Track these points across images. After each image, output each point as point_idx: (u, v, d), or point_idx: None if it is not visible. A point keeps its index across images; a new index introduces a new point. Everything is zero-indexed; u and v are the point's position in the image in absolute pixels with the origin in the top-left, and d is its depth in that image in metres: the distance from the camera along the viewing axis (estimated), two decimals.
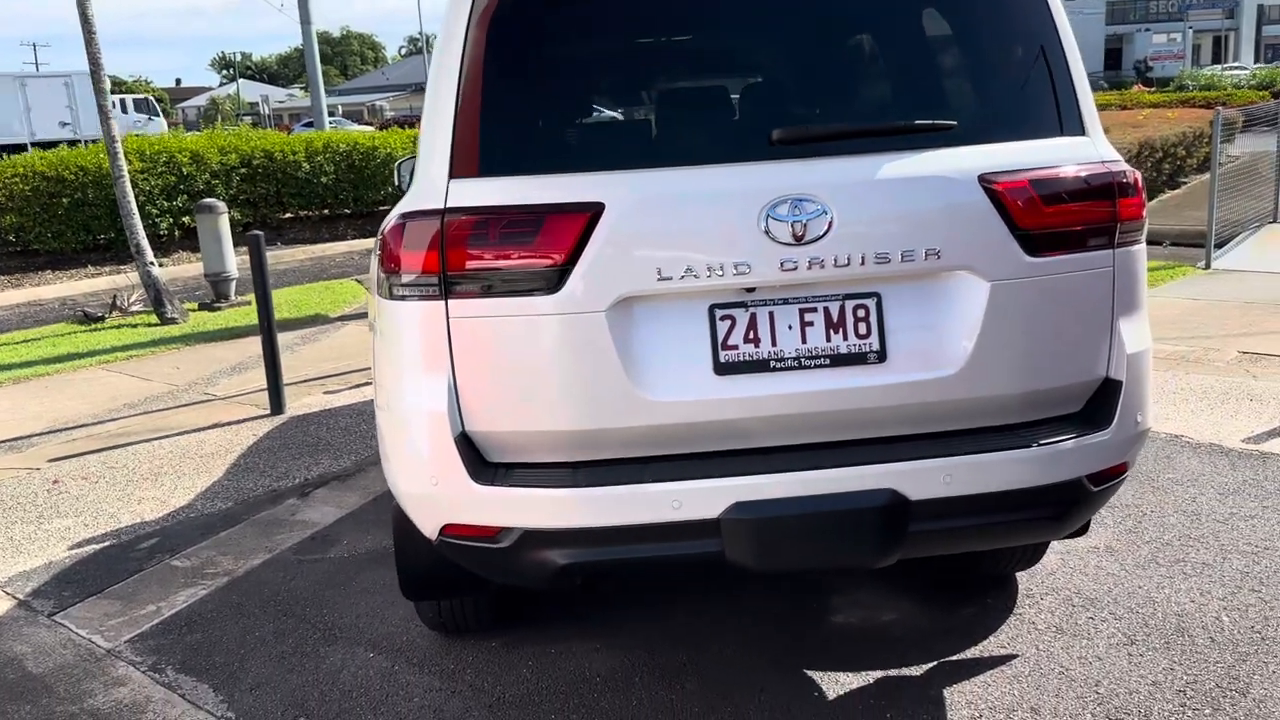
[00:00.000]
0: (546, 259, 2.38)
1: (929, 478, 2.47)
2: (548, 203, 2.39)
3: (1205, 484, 4.40)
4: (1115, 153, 2.64)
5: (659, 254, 2.40)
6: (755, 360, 2.47)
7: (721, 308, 2.47)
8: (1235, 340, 6.89)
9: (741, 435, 2.50)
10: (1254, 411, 5.32)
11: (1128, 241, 2.59)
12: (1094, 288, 2.56)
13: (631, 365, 2.42)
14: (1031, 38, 2.62)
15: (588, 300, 2.38)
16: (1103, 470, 2.60)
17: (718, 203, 2.43)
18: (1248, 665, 3.01)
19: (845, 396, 2.48)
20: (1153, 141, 13.45)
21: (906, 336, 2.51)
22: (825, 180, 2.44)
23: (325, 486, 4.96)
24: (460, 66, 2.47)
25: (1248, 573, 3.57)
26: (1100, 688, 2.95)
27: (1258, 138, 13.44)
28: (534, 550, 2.48)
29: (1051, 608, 3.42)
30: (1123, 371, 2.59)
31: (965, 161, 2.49)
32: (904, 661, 3.15)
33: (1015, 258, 2.48)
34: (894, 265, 2.45)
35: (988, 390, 2.52)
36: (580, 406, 2.42)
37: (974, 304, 2.49)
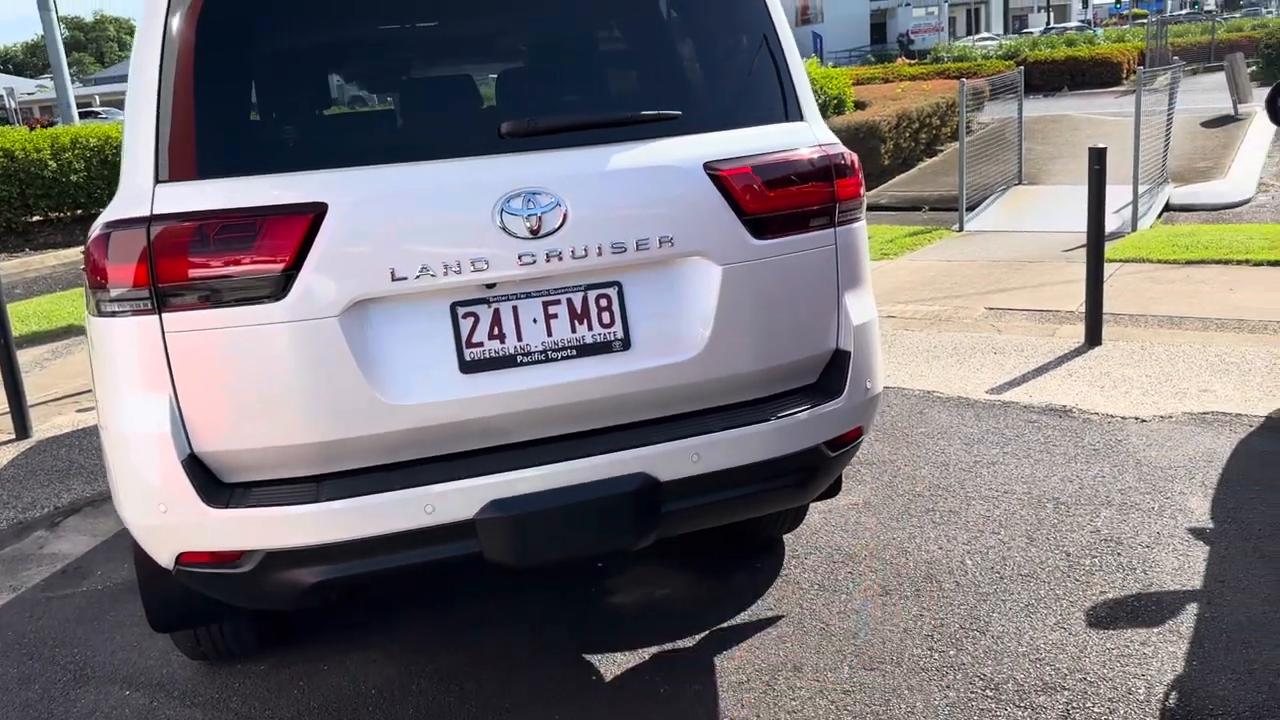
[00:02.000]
0: (268, 265, 2.27)
1: (678, 458, 2.53)
2: (265, 205, 2.28)
3: (953, 435, 4.73)
4: (832, 136, 2.77)
5: (392, 254, 2.33)
6: (501, 356, 2.45)
7: (463, 305, 2.43)
8: (983, 297, 7.44)
9: (493, 433, 2.48)
10: (997, 364, 5.76)
11: (848, 220, 2.73)
12: (819, 265, 2.68)
13: (371, 370, 2.35)
14: (749, 30, 2.71)
15: (318, 306, 2.30)
16: (838, 436, 2.74)
17: (450, 198, 2.39)
18: (988, 605, 3.26)
19: (594, 386, 2.50)
20: (909, 113, 14.28)
21: (649, 323, 2.55)
22: (557, 173, 2.44)
23: (77, 514, 4.62)
24: (160, 63, 2.31)
25: (989, 516, 3.87)
26: (857, 639, 3.12)
27: (1005, 105, 14.52)
28: (280, 571, 2.38)
29: (815, 566, 3.59)
30: (851, 342, 2.74)
31: (691, 150, 2.55)
32: (679, 634, 3.24)
33: (743, 241, 2.56)
34: (631, 254, 2.49)
35: (728, 369, 2.60)
36: (318, 417, 2.33)
37: (709, 288, 2.56)
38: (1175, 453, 4.32)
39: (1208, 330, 6.12)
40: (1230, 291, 6.93)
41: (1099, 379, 5.36)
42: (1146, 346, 5.85)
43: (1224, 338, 5.93)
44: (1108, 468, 4.23)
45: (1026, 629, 3.10)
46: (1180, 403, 4.90)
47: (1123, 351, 5.79)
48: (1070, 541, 3.62)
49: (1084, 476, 4.16)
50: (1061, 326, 6.47)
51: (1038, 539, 3.66)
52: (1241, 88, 16.71)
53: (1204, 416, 4.70)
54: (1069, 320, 6.59)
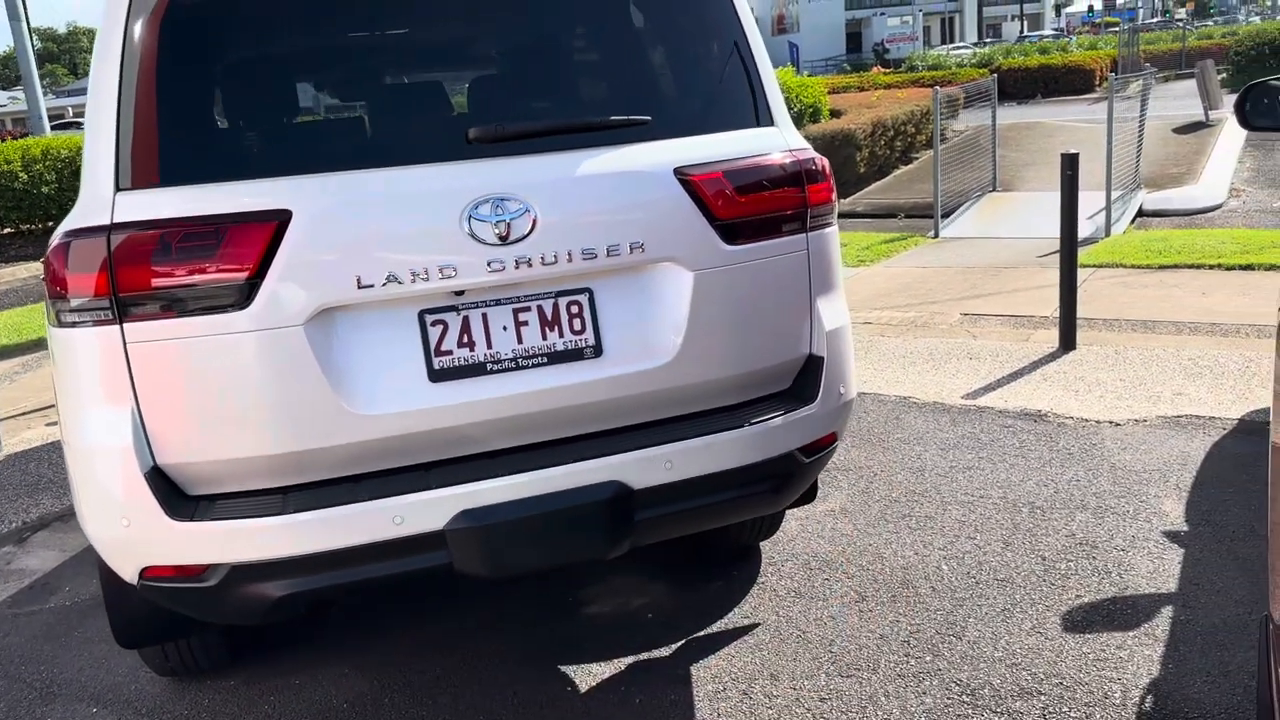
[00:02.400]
0: (231, 273, 2.24)
1: (651, 466, 2.51)
2: (228, 212, 2.25)
3: (929, 441, 4.73)
4: (803, 141, 2.76)
5: (358, 261, 2.30)
6: (471, 364, 2.42)
7: (431, 313, 2.41)
8: (958, 303, 7.46)
9: (463, 442, 2.45)
10: (972, 369, 5.77)
11: (819, 225, 2.72)
12: (791, 271, 2.67)
13: (338, 379, 2.32)
14: (719, 35, 2.70)
15: (283, 314, 2.26)
16: (813, 442, 2.72)
17: (417, 205, 2.36)
18: (964, 610, 3.25)
19: (565, 393, 2.48)
20: (885, 121, 14.34)
21: (621, 329, 2.53)
22: (526, 179, 2.42)
23: (46, 529, 4.55)
24: (121, 69, 2.28)
25: (964, 521, 3.86)
26: (834, 646, 3.11)
27: (978, 113, 14.62)
28: (246, 585, 2.34)
29: (791, 573, 3.58)
30: (824, 348, 2.72)
31: (661, 155, 2.54)
32: (654, 644, 3.21)
33: (715, 247, 2.55)
34: (601, 260, 2.47)
35: (701, 375, 2.58)
36: (284, 428, 2.30)
37: (681, 294, 2.54)
38: (1149, 456, 4.34)
39: (1181, 334, 6.16)
40: (1203, 295, 6.99)
41: (1073, 383, 5.38)
42: (1120, 351, 5.87)
43: (1197, 341, 5.97)
44: (1083, 471, 4.24)
45: (1003, 634, 3.09)
46: (1154, 406, 4.93)
47: (1097, 356, 5.81)
48: (1046, 546, 3.62)
49: (1059, 480, 4.17)
50: (1036, 331, 6.49)
51: (1013, 543, 3.66)
52: (1212, 94, 16.89)
53: (1178, 420, 4.73)
54: (1044, 325, 6.61)
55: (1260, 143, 14.60)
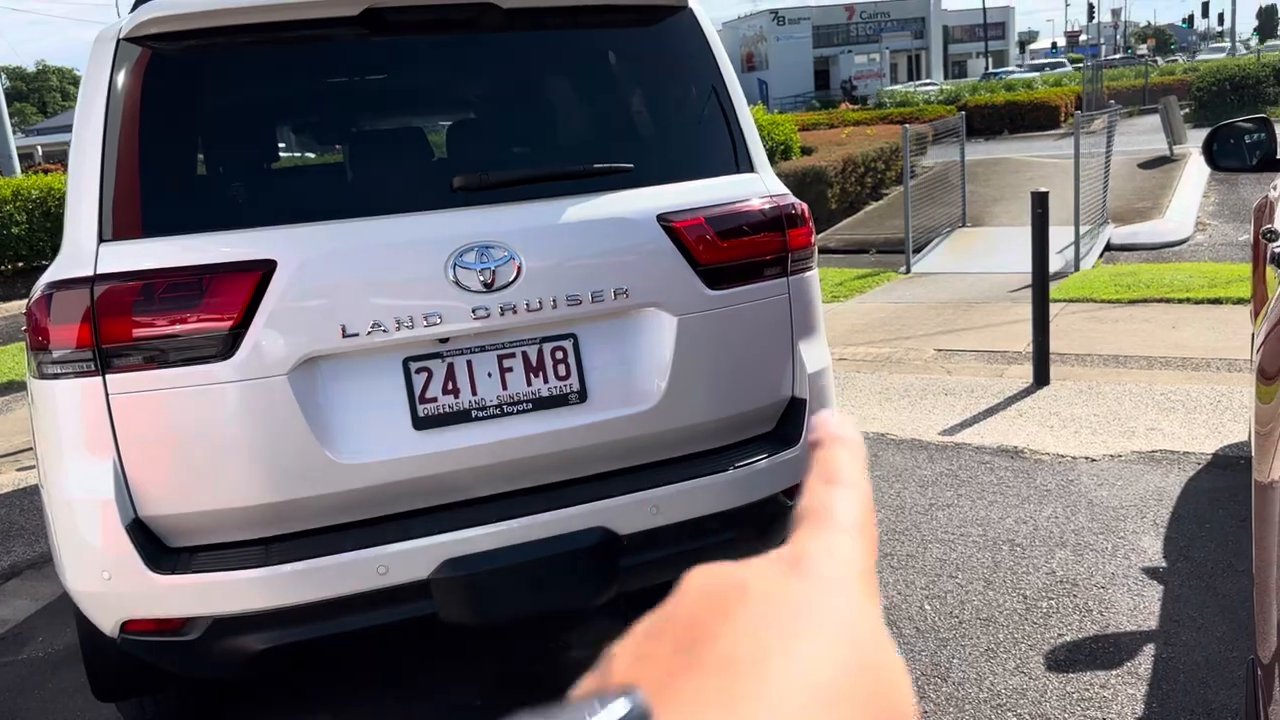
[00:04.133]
0: (215, 323, 2.23)
1: (637, 511, 2.51)
2: (212, 263, 2.24)
3: (908, 478, 4.75)
4: (782, 186, 2.80)
5: (342, 310, 2.30)
6: (456, 411, 2.42)
7: (416, 360, 2.41)
8: (932, 339, 7.53)
9: (447, 489, 2.44)
10: (948, 405, 5.82)
11: (800, 269, 2.75)
12: (773, 314, 2.69)
13: (322, 429, 2.31)
14: (699, 82, 2.74)
15: (267, 364, 2.26)
16: (796, 484, 2.73)
17: (402, 254, 2.37)
18: (948, 650, 3.25)
19: (550, 439, 2.48)
20: (855, 158, 14.52)
21: (605, 374, 2.54)
22: (511, 226, 2.43)
23: (18, 577, 4.47)
24: (105, 119, 2.28)
25: (945, 560, 3.88)
26: None
27: (947, 149, 14.84)
28: (228, 638, 2.31)
29: None
30: (806, 389, 2.74)
31: (644, 202, 2.56)
32: None
33: (698, 291, 2.57)
34: (586, 306, 2.48)
35: (685, 420, 2.59)
36: (267, 479, 2.28)
37: (664, 338, 2.56)
38: (1126, 492, 4.38)
39: (1153, 368, 6.24)
40: (1173, 329, 7.09)
41: (1048, 419, 5.43)
42: (1094, 386, 5.94)
43: (1169, 375, 6.05)
44: (1061, 508, 4.27)
45: (987, 674, 3.10)
46: (1129, 441, 4.98)
47: (1070, 391, 5.88)
48: (1027, 584, 3.64)
49: (1038, 517, 4.19)
50: (1010, 367, 6.56)
51: (995, 582, 3.67)
52: (1176, 130, 17.24)
53: (1153, 455, 4.78)
54: (1017, 360, 6.68)
55: (1224, 178, 14.90)
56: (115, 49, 2.32)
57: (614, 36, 2.77)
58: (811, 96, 51.24)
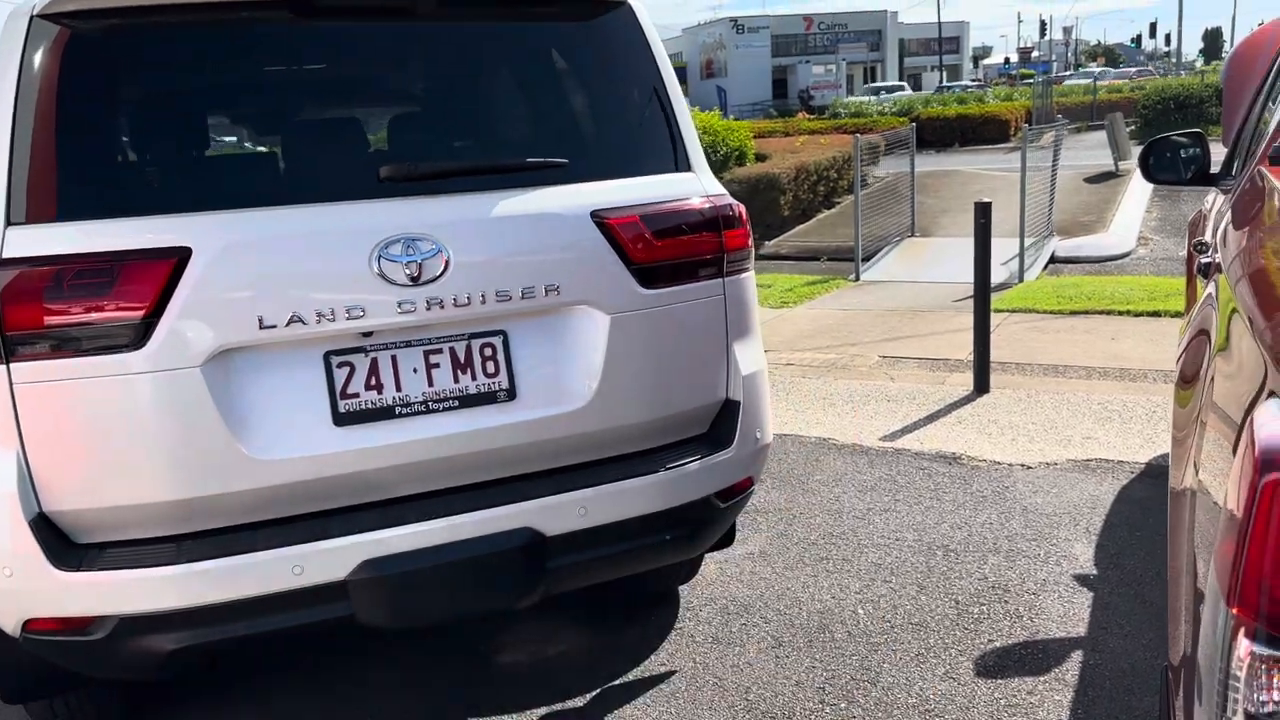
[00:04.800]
0: (127, 312, 2.15)
1: (565, 512, 2.47)
2: (125, 249, 2.17)
3: (848, 482, 4.76)
4: (720, 186, 2.77)
5: (260, 301, 2.24)
6: (379, 407, 2.36)
7: (338, 354, 2.34)
8: (878, 346, 7.58)
9: (369, 488, 2.38)
10: (890, 411, 5.84)
11: (736, 270, 2.72)
12: (708, 316, 2.67)
13: (237, 423, 2.24)
14: (638, 80, 2.71)
15: (180, 355, 2.18)
16: (729, 487, 2.71)
17: (324, 244, 2.31)
18: (879, 654, 3.25)
19: (477, 438, 2.43)
20: (808, 166, 14.60)
21: (535, 373, 2.50)
22: (439, 218, 2.38)
23: None
24: (16, 99, 2.19)
25: (880, 564, 3.88)
26: (750, 694, 3.08)
27: (898, 160, 14.97)
28: (136, 638, 2.23)
29: (709, 618, 3.54)
30: (740, 392, 2.72)
31: (578, 198, 2.52)
32: (568, 694, 3.14)
33: (631, 290, 2.54)
34: (516, 303, 2.44)
35: (616, 420, 2.55)
36: (180, 474, 2.20)
37: (596, 337, 2.52)
38: (1060, 499, 4.42)
39: (1091, 379, 6.32)
40: (1112, 341, 7.19)
41: (987, 426, 5.48)
42: (1032, 394, 6.00)
43: (1106, 386, 6.13)
44: (995, 514, 4.30)
45: (916, 679, 3.09)
46: (1065, 450, 5.03)
47: (1009, 399, 5.93)
48: (959, 589, 3.65)
49: (973, 523, 4.22)
50: (952, 374, 6.61)
51: (928, 587, 3.68)
52: (1121, 146, 17.56)
53: (1088, 463, 4.83)
54: (958, 368, 6.74)
55: (1167, 193, 15.20)
56: (28, 26, 2.23)
57: (551, 30, 2.72)
58: (769, 105, 51.55)
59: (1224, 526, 0.93)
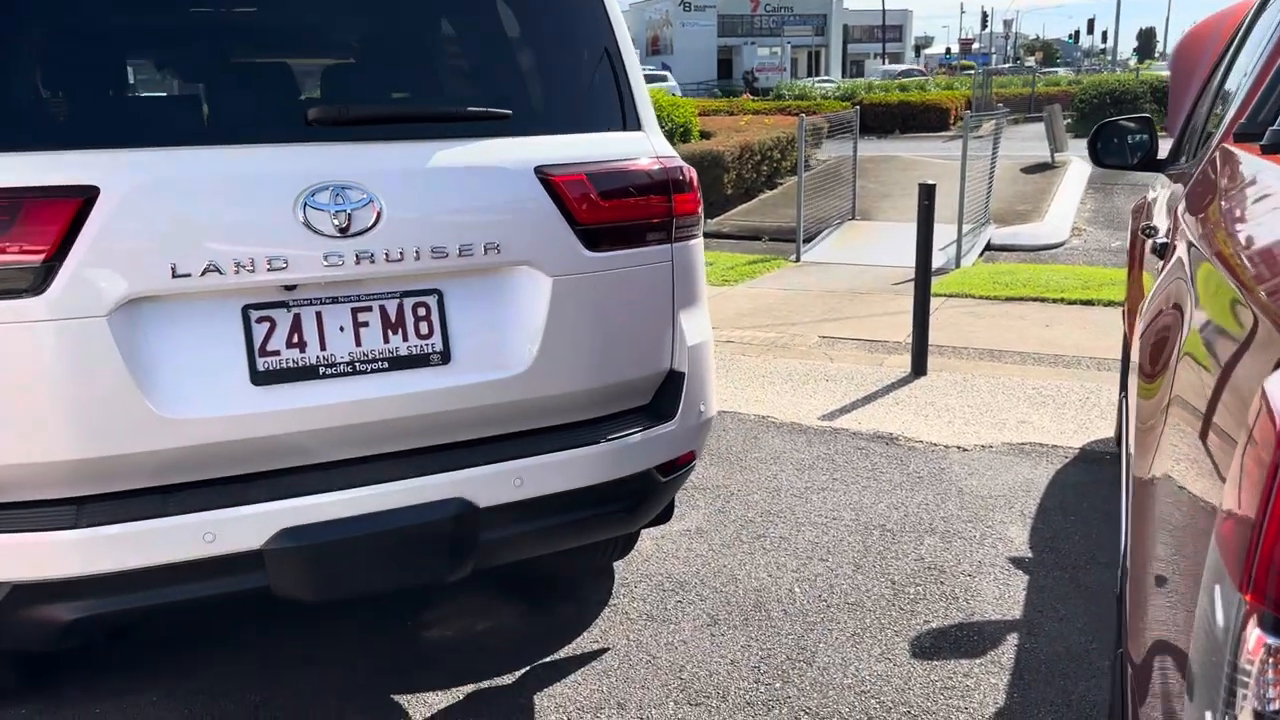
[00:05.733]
0: (26, 254, 1.98)
1: (499, 482, 2.35)
2: (24, 185, 1.99)
3: (786, 461, 4.70)
4: (670, 148, 2.66)
5: (173, 247, 2.07)
6: (301, 367, 2.22)
7: (258, 308, 2.19)
8: (817, 326, 7.55)
9: (288, 452, 2.24)
10: (829, 391, 5.81)
11: (684, 236, 2.62)
12: (654, 282, 2.56)
13: (146, 378, 2.08)
14: (587, 34, 2.58)
15: (83, 303, 2.01)
16: (671, 460, 2.62)
17: (245, 188, 2.15)
18: (814, 634, 3.19)
19: (408, 402, 2.30)
20: (752, 145, 14.54)
21: (472, 335, 2.37)
22: (372, 167, 2.23)
23: None
24: None
25: (817, 543, 3.83)
26: (684, 672, 3.00)
27: (840, 144, 14.98)
28: (31, 607, 2.07)
29: (645, 595, 3.46)
30: (685, 363, 2.62)
31: (521, 152, 2.39)
32: (498, 670, 3.03)
33: (575, 252, 2.42)
34: (453, 260, 2.30)
35: (556, 388, 2.44)
36: (81, 430, 2.04)
37: (537, 300, 2.40)
38: (995, 482, 4.41)
39: (1026, 364, 6.36)
40: (1046, 328, 7.25)
41: (924, 408, 5.47)
42: (968, 378, 6.02)
43: (1040, 371, 6.17)
44: (932, 495, 4.28)
45: (852, 660, 3.04)
46: (1000, 433, 5.04)
47: (946, 382, 5.94)
48: (896, 569, 3.62)
49: (909, 504, 4.19)
50: (890, 356, 6.61)
51: (864, 566, 3.64)
52: (1059, 137, 17.81)
53: (1023, 447, 4.84)
54: (896, 350, 6.74)
55: (1101, 185, 15.47)
56: None
57: None
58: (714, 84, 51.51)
59: (1228, 508, 0.85)
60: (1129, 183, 15.70)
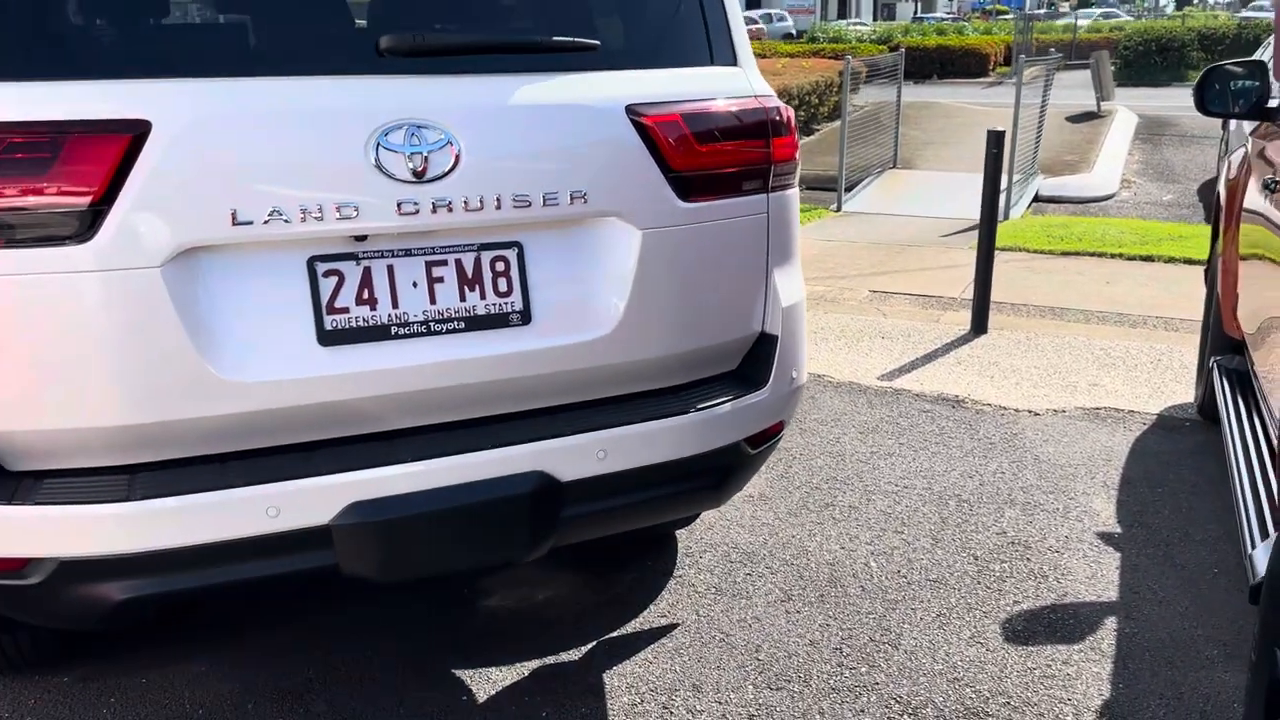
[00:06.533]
0: (71, 196, 1.77)
1: (582, 455, 2.15)
2: (70, 119, 1.77)
3: (847, 423, 4.49)
4: (768, 86, 2.41)
5: (233, 191, 1.86)
6: (372, 326, 2.01)
7: (325, 260, 1.98)
8: (866, 280, 7.29)
9: (357, 419, 2.04)
10: (885, 349, 5.57)
11: (782, 185, 2.38)
12: (749, 236, 2.33)
13: (203, 337, 1.87)
14: None
15: (135, 253, 1.81)
16: (761, 431, 2.41)
17: (311, 126, 1.92)
18: (897, 613, 3.00)
19: (485, 366, 2.09)
20: (789, 89, 14.12)
21: (554, 293, 2.15)
22: (449, 103, 2.00)
23: None
24: None
25: (890, 513, 3.63)
26: (761, 653, 2.82)
27: (880, 89, 14.54)
28: (79, 585, 1.90)
29: (711, 566, 3.27)
30: (778, 325, 2.40)
31: (611, 89, 2.15)
32: (563, 645, 2.86)
33: (667, 202, 2.18)
34: (535, 210, 2.08)
35: (643, 352, 2.23)
36: (131, 393, 1.84)
37: (626, 255, 2.17)
38: (1072, 449, 4.19)
39: (1089, 323, 6.10)
40: (1107, 284, 6.97)
41: (988, 369, 5.23)
42: (1031, 337, 5.77)
43: (1106, 330, 5.91)
44: (1007, 463, 4.06)
45: (941, 643, 2.85)
46: (1071, 396, 4.80)
47: (1009, 341, 5.69)
48: (977, 544, 3.41)
49: (983, 472, 3.98)
50: (945, 312, 6.36)
51: (943, 540, 3.44)
52: (1105, 85, 17.25)
53: (1097, 412, 4.61)
54: (952, 306, 6.48)
55: (1148, 136, 15.01)
56: None
57: None
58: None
59: None
60: (1177, 134, 15.23)
